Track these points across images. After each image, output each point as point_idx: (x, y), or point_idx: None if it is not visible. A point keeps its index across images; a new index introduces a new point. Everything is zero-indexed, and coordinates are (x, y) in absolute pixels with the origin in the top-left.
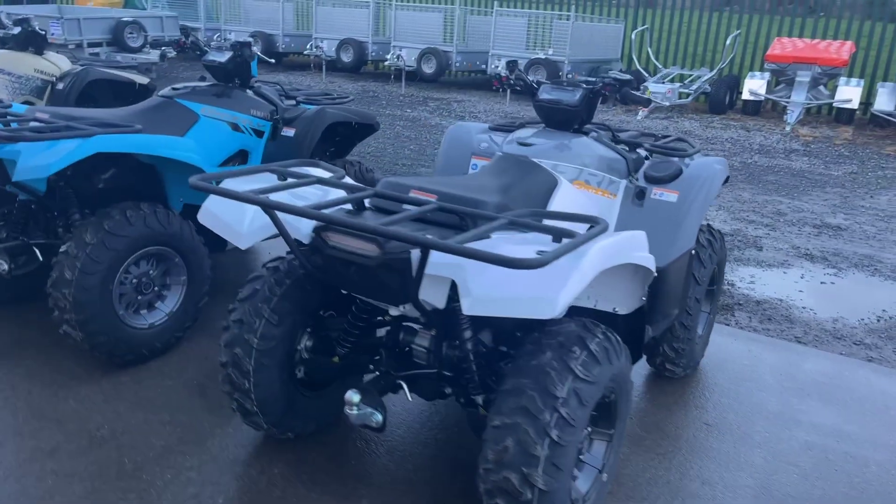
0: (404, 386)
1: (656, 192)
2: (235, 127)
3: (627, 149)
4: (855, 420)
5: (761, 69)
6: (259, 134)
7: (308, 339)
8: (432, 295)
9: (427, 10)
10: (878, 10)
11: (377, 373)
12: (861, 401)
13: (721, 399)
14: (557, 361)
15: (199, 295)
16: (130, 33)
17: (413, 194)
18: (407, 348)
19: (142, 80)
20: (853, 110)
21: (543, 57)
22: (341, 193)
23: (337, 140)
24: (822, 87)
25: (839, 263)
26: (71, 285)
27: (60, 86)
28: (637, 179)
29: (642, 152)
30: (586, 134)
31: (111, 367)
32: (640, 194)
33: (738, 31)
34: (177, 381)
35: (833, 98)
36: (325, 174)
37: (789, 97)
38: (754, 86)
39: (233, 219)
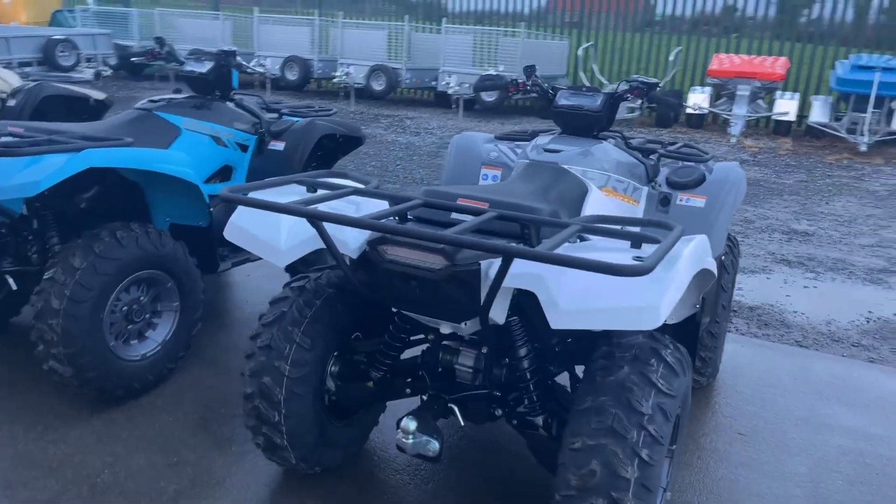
0: (455, 410)
1: (682, 198)
2: (219, 141)
3: (641, 155)
4: (879, 422)
5: (702, 84)
6: (243, 148)
7: (337, 363)
8: (495, 309)
9: (372, 28)
10: (786, 30)
11: (422, 397)
12: (878, 402)
13: (747, 407)
14: (637, 376)
15: (192, 321)
16: (62, 52)
17: (461, 203)
18: (453, 368)
19: (98, 95)
20: (790, 122)
21: (495, 73)
22: (383, 205)
23: (319, 155)
24: (760, 101)
25: (816, 268)
26: (59, 315)
27: (12, 102)
28: (659, 185)
29: (655, 158)
30: (604, 140)
31: (100, 404)
32: (665, 200)
33: (680, 48)
34: (176, 416)
35: (771, 111)
36: (357, 184)
37: (731, 110)
38: (698, 100)
39: (268, 234)
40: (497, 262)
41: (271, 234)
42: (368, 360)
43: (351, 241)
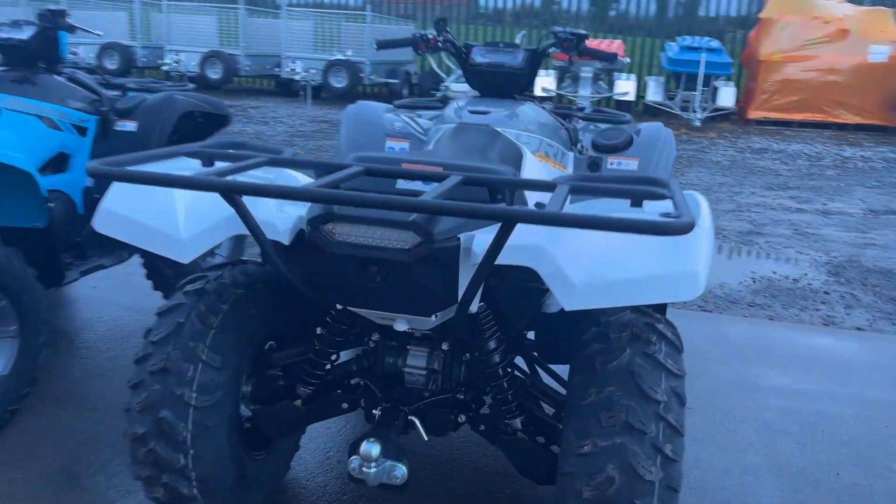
0: (416, 422)
1: (613, 162)
2: (49, 123)
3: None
4: (803, 378)
5: (546, 68)
6: (82, 131)
7: (251, 382)
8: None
9: (199, 12)
10: (597, 23)
11: (372, 412)
12: (795, 358)
13: None
14: (643, 358)
15: (36, 348)
16: None
17: (409, 168)
18: (403, 373)
19: None
20: (630, 102)
21: (344, 58)
22: (307, 179)
23: (176, 139)
24: (601, 83)
25: None
26: None
27: None
28: (586, 150)
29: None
30: (525, 102)
31: None
32: (595, 165)
33: (524, 32)
34: (30, 472)
35: (612, 91)
36: (264, 155)
37: (576, 92)
38: (545, 83)
39: (161, 220)
40: (480, 236)
41: (166, 219)
42: (291, 374)
43: (281, 223)
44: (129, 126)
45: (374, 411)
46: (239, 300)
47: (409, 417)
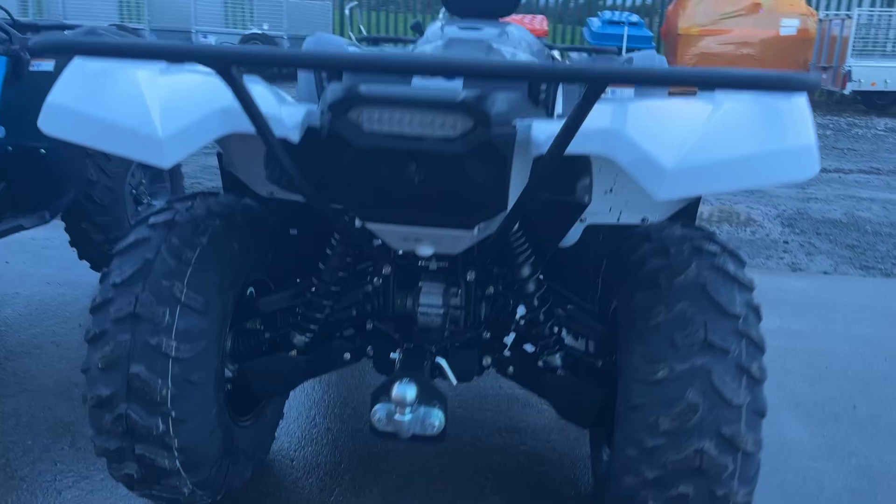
0: (444, 365)
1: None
2: None
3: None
4: (791, 318)
5: None
6: None
7: (231, 335)
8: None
9: None
10: None
11: (392, 355)
12: (778, 301)
13: None
14: (711, 271)
15: None
16: None
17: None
18: (419, 311)
19: None
20: None
21: (260, 32)
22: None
23: None
24: None
25: None
26: None
27: None
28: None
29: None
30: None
31: None
32: None
33: (355, 3)
34: None
35: None
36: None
37: None
38: None
39: (129, 117)
40: (538, 123)
41: (136, 115)
42: (280, 322)
43: (288, 117)
44: (46, 66)
45: (392, 355)
46: (218, 233)
47: (437, 360)
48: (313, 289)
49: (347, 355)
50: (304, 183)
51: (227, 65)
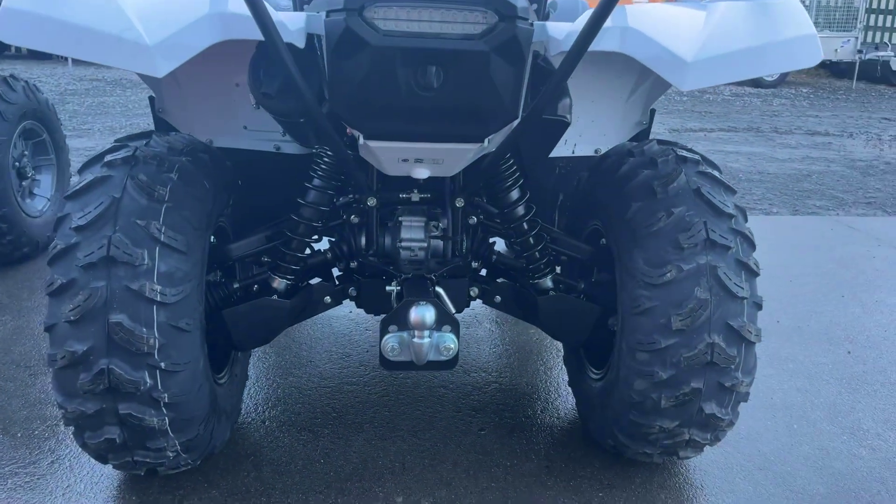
0: (442, 294)
1: None
2: None
3: None
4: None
5: None
6: None
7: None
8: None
9: None
10: None
11: (389, 287)
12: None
13: None
14: (700, 176)
15: None
16: None
17: None
18: (404, 246)
19: None
20: None
21: None
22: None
23: None
24: None
25: None
26: None
27: None
28: None
29: None
30: None
31: None
32: None
33: None
34: None
35: None
36: None
37: None
38: None
39: (108, 24)
40: (554, 23)
41: (115, 22)
42: (256, 266)
43: (291, 22)
44: None
45: (389, 288)
46: (186, 169)
47: (436, 289)
48: (292, 228)
49: (328, 298)
50: (308, 93)
51: None
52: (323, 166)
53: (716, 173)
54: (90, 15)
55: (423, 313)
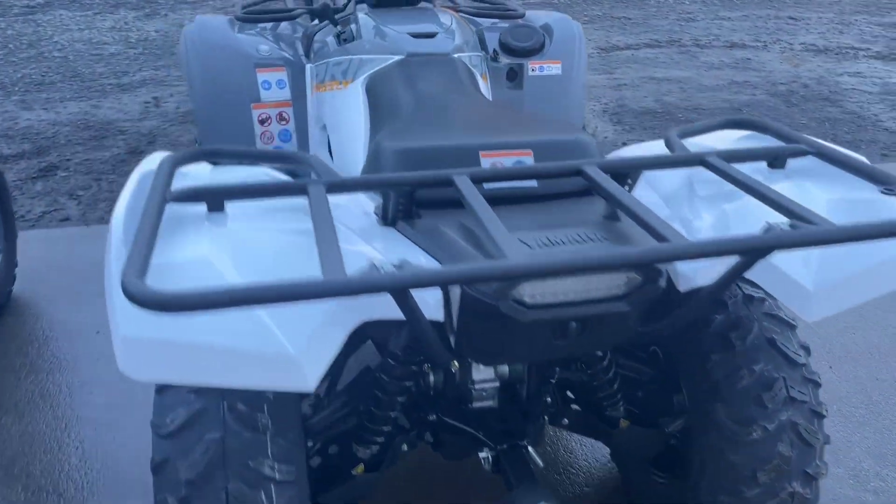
0: (534, 454)
1: (534, 67)
2: None
3: None
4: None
5: None
6: None
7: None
8: None
9: None
10: None
11: (487, 457)
12: None
13: None
14: (770, 320)
15: None
16: None
17: (488, 159)
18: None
19: None
20: None
21: None
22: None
23: None
24: None
25: None
26: None
27: None
28: (497, 55)
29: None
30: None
31: None
32: (513, 74)
33: None
34: None
35: None
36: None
37: None
38: None
39: (234, 329)
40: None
41: (244, 323)
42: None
43: (433, 297)
44: None
45: (482, 455)
46: None
47: (532, 455)
48: (372, 400)
49: (405, 446)
50: (439, 347)
51: (410, 288)
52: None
53: (781, 313)
54: (224, 330)
55: None
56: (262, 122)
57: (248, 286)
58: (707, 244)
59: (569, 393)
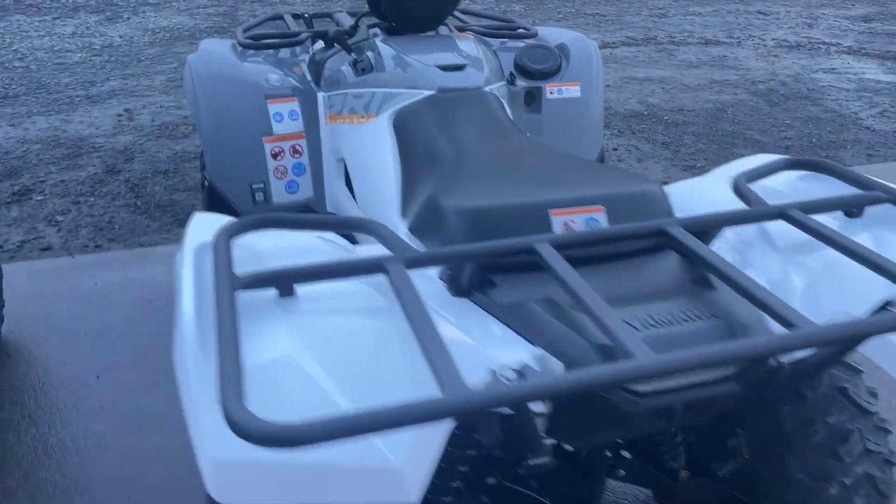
0: None
1: (552, 90)
2: None
3: None
4: None
5: None
6: None
7: None
8: None
9: None
10: None
11: None
12: None
13: None
14: (840, 368)
15: None
16: None
17: (559, 217)
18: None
19: None
20: None
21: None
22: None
23: None
24: None
25: None
26: None
27: None
28: (514, 78)
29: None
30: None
31: None
32: (531, 98)
33: None
34: None
35: None
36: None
37: None
38: None
39: (346, 449)
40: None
41: (358, 444)
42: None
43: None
44: None
45: None
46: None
47: None
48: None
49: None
50: (541, 446)
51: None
52: None
53: (849, 360)
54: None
55: None
56: (274, 156)
57: (366, 413)
58: (837, 328)
59: (623, 448)
